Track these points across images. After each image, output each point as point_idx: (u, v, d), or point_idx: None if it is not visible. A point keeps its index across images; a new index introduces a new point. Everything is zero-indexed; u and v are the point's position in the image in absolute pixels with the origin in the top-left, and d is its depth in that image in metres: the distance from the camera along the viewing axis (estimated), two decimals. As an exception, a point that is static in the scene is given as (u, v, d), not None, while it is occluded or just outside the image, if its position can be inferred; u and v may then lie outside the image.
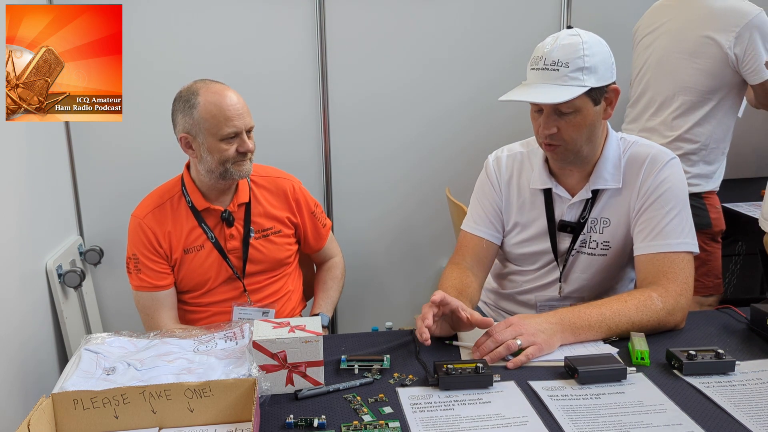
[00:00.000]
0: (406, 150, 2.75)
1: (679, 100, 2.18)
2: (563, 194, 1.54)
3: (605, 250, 1.53)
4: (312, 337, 1.18)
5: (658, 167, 1.46)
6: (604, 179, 1.49)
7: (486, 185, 1.64)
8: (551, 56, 1.38)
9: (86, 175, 2.57)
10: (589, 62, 1.37)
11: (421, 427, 1.08)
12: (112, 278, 2.63)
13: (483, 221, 1.63)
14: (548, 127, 1.42)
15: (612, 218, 1.51)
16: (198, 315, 1.80)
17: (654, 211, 1.45)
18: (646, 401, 1.13)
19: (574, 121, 1.41)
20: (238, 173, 1.68)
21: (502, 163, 1.63)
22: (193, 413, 1.10)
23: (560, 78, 1.37)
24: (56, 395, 1.08)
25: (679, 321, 1.40)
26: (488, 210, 1.63)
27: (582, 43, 1.37)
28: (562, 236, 1.55)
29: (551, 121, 1.42)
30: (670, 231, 1.43)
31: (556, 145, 1.44)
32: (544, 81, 1.39)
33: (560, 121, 1.41)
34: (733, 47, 2.08)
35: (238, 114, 1.65)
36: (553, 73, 1.38)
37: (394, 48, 2.64)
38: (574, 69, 1.37)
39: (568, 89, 1.37)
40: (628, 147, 1.51)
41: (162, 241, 1.72)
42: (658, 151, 1.49)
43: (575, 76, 1.37)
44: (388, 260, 2.86)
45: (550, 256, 1.57)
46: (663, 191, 1.45)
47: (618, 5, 2.72)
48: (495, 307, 1.74)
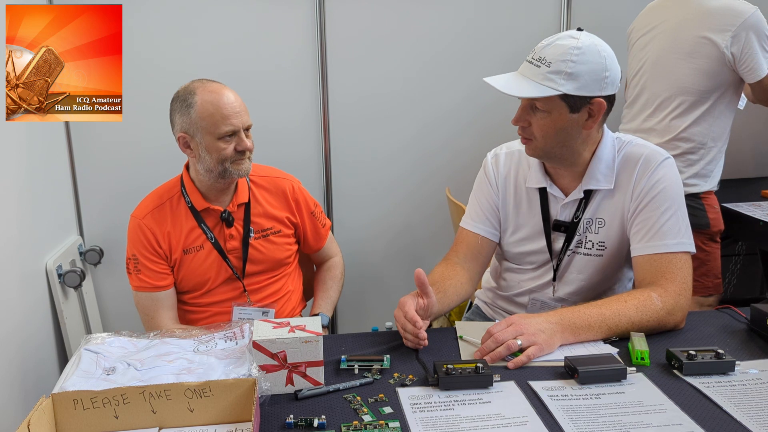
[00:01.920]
0: (405, 150, 2.75)
1: (677, 100, 2.18)
2: (557, 194, 1.54)
3: (601, 250, 1.53)
4: (312, 337, 1.18)
5: (652, 167, 1.45)
6: (596, 180, 1.49)
7: (484, 183, 1.65)
8: (541, 52, 1.39)
9: (86, 175, 2.57)
10: (573, 68, 1.36)
11: (421, 427, 1.08)
12: (112, 278, 2.63)
13: (480, 218, 1.64)
14: (519, 118, 1.45)
15: (606, 218, 1.51)
16: (198, 315, 1.80)
17: (650, 212, 1.44)
18: (646, 401, 1.13)
19: (543, 121, 1.42)
20: (237, 172, 1.68)
21: (500, 161, 1.63)
22: (193, 413, 1.10)
23: (538, 75, 1.38)
24: (56, 395, 1.08)
25: (679, 321, 1.40)
26: (485, 207, 1.63)
27: (575, 48, 1.36)
28: (557, 236, 1.56)
29: (524, 114, 1.44)
30: (666, 231, 1.43)
31: (528, 139, 1.47)
32: (525, 74, 1.41)
33: (533, 117, 1.43)
34: (729, 47, 2.09)
35: (235, 112, 1.65)
36: (535, 68, 1.39)
37: (393, 47, 2.64)
38: (553, 71, 1.37)
39: (538, 87, 1.38)
40: (622, 146, 1.51)
41: (161, 242, 1.72)
42: (651, 151, 1.48)
43: (552, 77, 1.37)
44: (388, 260, 2.86)
45: (546, 255, 1.58)
46: (658, 192, 1.44)
47: (618, 5, 2.72)
48: (493, 306, 1.74)
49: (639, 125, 2.29)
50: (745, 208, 2.35)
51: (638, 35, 2.35)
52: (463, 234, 1.65)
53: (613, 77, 1.40)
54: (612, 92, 1.42)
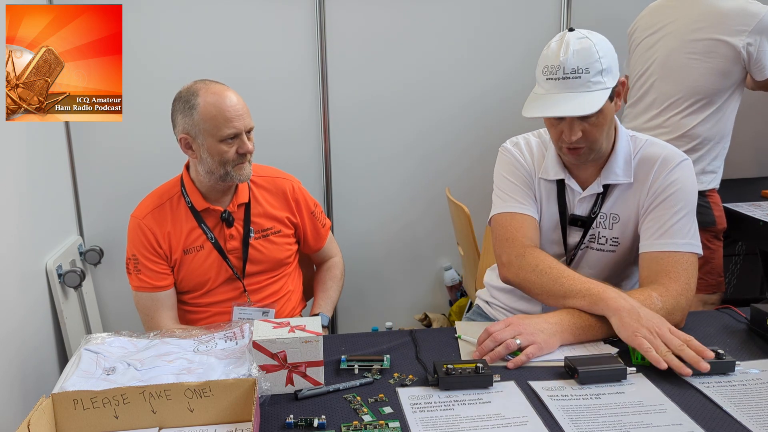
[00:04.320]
0: (406, 151, 2.75)
1: (690, 100, 2.19)
2: (575, 187, 1.53)
3: (614, 246, 1.53)
4: (312, 337, 1.18)
5: (670, 167, 1.46)
6: (615, 174, 1.49)
7: (514, 165, 1.57)
8: (569, 64, 1.37)
9: (86, 175, 2.57)
10: (605, 63, 1.38)
11: (421, 427, 1.08)
12: (112, 278, 2.63)
13: (527, 200, 1.55)
14: (575, 132, 1.40)
15: (622, 214, 1.51)
16: (198, 315, 1.80)
17: (662, 210, 1.45)
18: (646, 401, 1.13)
19: (598, 122, 1.41)
20: (239, 177, 1.68)
21: (522, 149, 1.60)
22: (193, 413, 1.10)
23: (583, 85, 1.37)
24: (56, 395, 1.08)
25: (678, 321, 1.40)
26: (527, 189, 1.56)
27: (594, 45, 1.38)
28: (573, 230, 1.55)
29: (576, 126, 1.41)
30: (676, 231, 1.43)
31: (581, 148, 1.44)
32: (566, 90, 1.38)
33: (584, 125, 1.41)
34: (745, 47, 2.11)
35: (237, 115, 1.64)
36: (576, 81, 1.37)
37: (394, 49, 2.64)
38: (594, 73, 1.37)
39: (595, 95, 1.37)
40: (640, 146, 1.51)
41: (162, 242, 1.72)
42: (670, 152, 1.49)
43: (597, 80, 1.37)
44: (388, 260, 2.86)
45: (560, 249, 1.57)
46: (673, 191, 1.45)
47: (618, 4, 2.72)
48: (502, 307, 1.70)
49: (642, 123, 2.30)
50: (745, 208, 2.36)
51: (643, 35, 2.34)
52: (517, 219, 1.53)
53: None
54: None
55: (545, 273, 1.41)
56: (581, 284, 1.36)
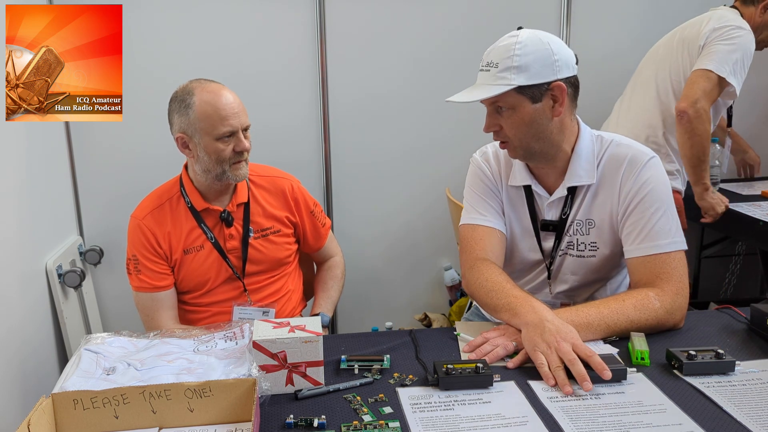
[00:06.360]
0: (406, 150, 2.75)
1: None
2: (542, 192, 1.54)
3: (593, 251, 1.53)
4: (312, 337, 1.18)
5: (638, 168, 1.45)
6: (578, 176, 1.49)
7: (481, 178, 1.61)
8: (488, 57, 1.43)
9: (86, 176, 2.57)
10: (519, 62, 1.38)
11: (421, 427, 1.08)
12: (112, 278, 2.63)
13: (489, 212, 1.57)
14: (489, 125, 1.47)
15: (596, 219, 1.51)
16: (198, 315, 1.80)
17: (640, 213, 1.44)
18: (645, 401, 1.13)
19: (512, 119, 1.43)
20: (235, 177, 1.68)
21: (490, 158, 1.63)
22: (193, 413, 1.10)
23: (491, 78, 1.41)
24: (56, 395, 1.08)
25: (678, 320, 1.40)
26: (492, 201, 1.59)
27: (516, 43, 1.39)
28: (546, 235, 1.55)
29: (492, 119, 1.46)
30: (658, 231, 1.42)
31: (505, 142, 1.48)
32: (481, 81, 1.44)
33: (501, 119, 1.45)
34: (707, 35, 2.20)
35: (233, 113, 1.64)
36: (485, 73, 1.43)
37: (393, 48, 2.64)
38: (502, 69, 1.39)
39: (492, 88, 1.40)
40: (606, 146, 1.50)
41: (161, 242, 1.72)
42: (636, 151, 1.48)
43: (503, 75, 1.39)
44: (388, 260, 2.86)
45: (538, 255, 1.57)
46: (646, 193, 1.44)
47: (617, 4, 2.72)
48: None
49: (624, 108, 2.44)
50: (746, 208, 2.36)
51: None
52: (478, 231, 1.56)
53: (564, 59, 1.41)
54: (569, 74, 1.42)
55: (483, 286, 1.44)
56: (506, 298, 1.37)
